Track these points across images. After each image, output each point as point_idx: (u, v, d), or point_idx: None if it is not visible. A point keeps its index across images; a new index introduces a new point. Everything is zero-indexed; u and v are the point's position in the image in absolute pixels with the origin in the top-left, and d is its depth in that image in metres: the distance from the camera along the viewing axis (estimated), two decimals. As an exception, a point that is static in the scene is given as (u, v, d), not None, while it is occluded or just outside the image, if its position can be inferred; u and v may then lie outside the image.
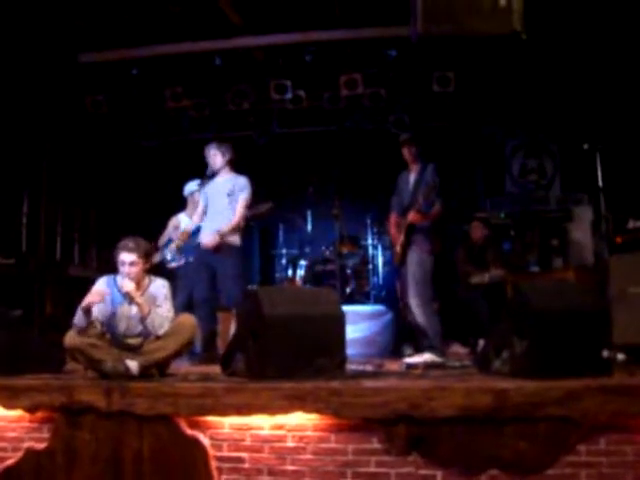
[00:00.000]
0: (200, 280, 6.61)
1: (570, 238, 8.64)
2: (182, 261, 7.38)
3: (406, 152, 6.43)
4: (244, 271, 8.25)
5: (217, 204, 6.72)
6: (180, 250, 7.24)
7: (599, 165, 6.27)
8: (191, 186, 7.52)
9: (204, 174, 6.94)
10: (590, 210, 8.63)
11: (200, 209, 6.90)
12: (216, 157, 6.81)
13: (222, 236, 6.51)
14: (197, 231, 6.97)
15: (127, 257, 4.89)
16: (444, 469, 3.82)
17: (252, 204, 6.96)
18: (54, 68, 8.79)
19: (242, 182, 6.76)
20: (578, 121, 9.11)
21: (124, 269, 4.90)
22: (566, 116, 9.37)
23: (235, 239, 6.64)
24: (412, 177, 6.44)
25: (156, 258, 7.46)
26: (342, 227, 8.96)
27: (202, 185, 6.91)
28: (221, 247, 6.52)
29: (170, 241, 7.63)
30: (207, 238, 6.56)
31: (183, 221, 7.70)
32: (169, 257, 7.48)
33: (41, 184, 9.80)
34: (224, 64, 9.17)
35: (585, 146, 6.35)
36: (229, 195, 6.68)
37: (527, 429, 3.75)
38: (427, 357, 5.71)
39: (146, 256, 4.97)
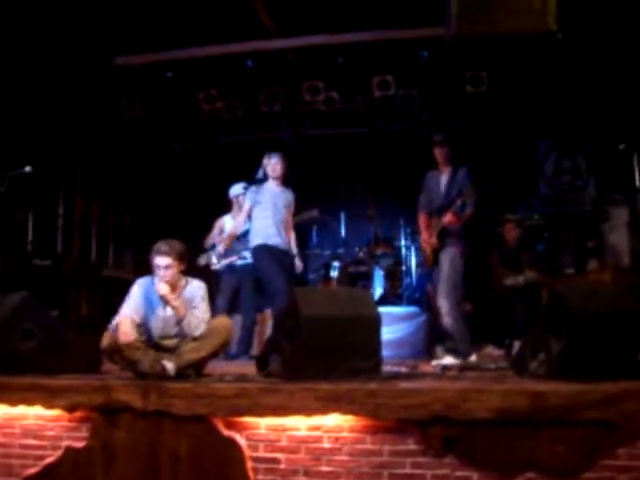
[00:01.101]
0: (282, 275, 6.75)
1: (606, 239, 8.56)
2: (226, 263, 7.48)
3: (438, 153, 6.40)
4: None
5: (278, 212, 6.90)
6: (225, 253, 7.38)
7: (636, 165, 6.20)
8: (237, 189, 7.59)
9: (252, 177, 7.01)
10: (626, 211, 8.53)
11: (245, 211, 6.95)
12: (277, 166, 6.96)
13: None
14: (245, 234, 7.09)
15: (161, 261, 4.88)
16: (480, 471, 3.80)
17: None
18: (90, 71, 8.88)
19: (292, 197, 7.11)
20: (613, 120, 9.01)
21: (159, 272, 4.89)
22: (601, 115, 9.27)
23: None
24: (444, 178, 6.41)
25: (202, 260, 7.55)
26: (376, 228, 8.98)
27: (250, 187, 6.98)
28: None
29: (214, 244, 7.71)
30: (298, 265, 7.31)
31: (228, 223, 7.78)
32: (214, 260, 7.57)
33: (76, 186, 9.91)
34: (257, 66, 9.21)
35: (621, 146, 6.28)
36: (285, 207, 6.98)
37: (564, 432, 3.71)
38: (447, 360, 5.69)
39: (180, 258, 4.96)
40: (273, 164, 6.93)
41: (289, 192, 7.08)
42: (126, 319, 4.83)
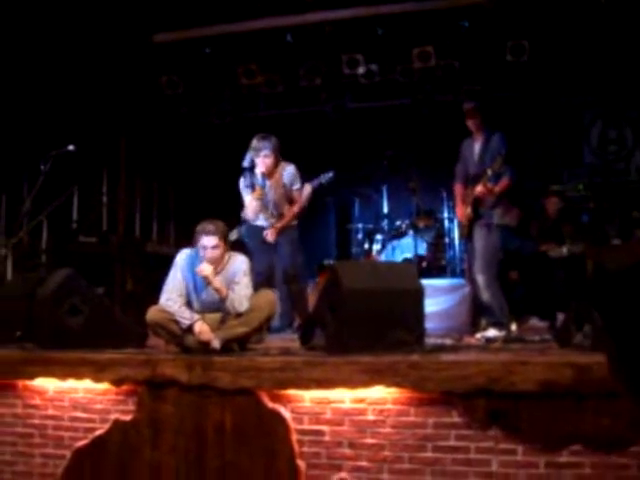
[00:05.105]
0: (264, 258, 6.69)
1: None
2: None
3: (470, 122, 6.30)
4: (320, 246, 8.25)
5: (273, 195, 6.69)
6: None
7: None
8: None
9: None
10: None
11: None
12: (267, 160, 6.52)
13: (280, 230, 6.66)
14: None
15: (209, 241, 4.84)
16: (524, 444, 3.80)
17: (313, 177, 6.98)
18: (130, 49, 8.92)
19: (292, 173, 6.70)
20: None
21: (206, 253, 4.85)
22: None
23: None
24: (477, 146, 6.29)
25: (233, 235, 7.53)
26: (419, 201, 8.93)
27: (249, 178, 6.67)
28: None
29: (243, 220, 7.68)
30: (269, 234, 6.68)
31: None
32: (243, 233, 7.54)
33: (119, 163, 10.00)
34: (295, 40, 9.16)
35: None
36: (284, 187, 6.68)
37: (610, 404, 3.68)
38: (491, 333, 5.66)
39: (225, 237, 4.96)
40: (262, 158, 6.49)
41: (287, 168, 6.70)
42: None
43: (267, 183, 6.61)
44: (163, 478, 4.34)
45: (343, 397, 4.05)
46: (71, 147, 6.35)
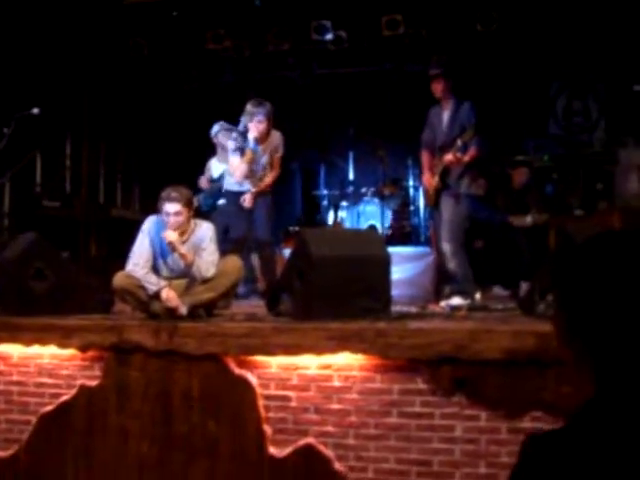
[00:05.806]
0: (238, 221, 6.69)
1: (616, 181, 8.50)
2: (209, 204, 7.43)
3: (435, 88, 6.26)
4: (286, 212, 8.23)
5: (263, 161, 6.69)
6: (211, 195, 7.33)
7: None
8: (214, 129, 7.50)
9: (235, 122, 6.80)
10: (638, 153, 8.43)
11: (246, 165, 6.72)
12: (261, 125, 6.52)
13: (257, 194, 6.64)
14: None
15: (171, 207, 4.81)
16: (488, 410, 3.86)
17: None
18: (99, 10, 8.76)
19: (281, 139, 6.74)
20: (628, 61, 8.86)
21: (169, 219, 4.82)
22: (615, 56, 9.11)
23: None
24: (446, 115, 6.26)
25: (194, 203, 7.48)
26: (385, 168, 8.95)
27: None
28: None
29: (199, 189, 7.62)
30: (247, 200, 6.62)
31: (214, 165, 7.67)
32: (201, 202, 7.50)
33: (83, 127, 9.86)
34: (264, 5, 9.07)
35: (636, 87, 6.18)
36: (271, 153, 6.70)
37: (570, 372, 3.73)
38: (456, 302, 5.71)
39: (189, 204, 4.93)
40: (256, 123, 6.48)
41: (275, 135, 6.73)
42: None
43: (259, 148, 6.61)
44: (129, 443, 4.35)
45: (309, 363, 4.08)
46: (35, 110, 6.25)
